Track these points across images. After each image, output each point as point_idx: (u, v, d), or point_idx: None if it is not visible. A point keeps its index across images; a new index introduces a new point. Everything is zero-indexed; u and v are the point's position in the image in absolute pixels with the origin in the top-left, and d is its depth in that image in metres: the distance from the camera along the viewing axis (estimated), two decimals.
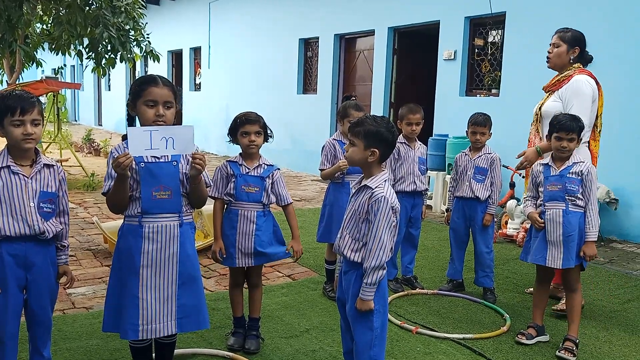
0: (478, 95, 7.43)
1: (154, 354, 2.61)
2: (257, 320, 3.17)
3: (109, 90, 21.80)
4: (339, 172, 3.73)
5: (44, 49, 10.28)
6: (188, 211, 2.48)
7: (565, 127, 3.16)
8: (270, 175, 3.04)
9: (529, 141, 4.04)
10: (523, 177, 6.15)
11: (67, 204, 2.53)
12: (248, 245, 3.01)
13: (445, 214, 4.26)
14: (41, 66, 10.55)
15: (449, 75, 7.71)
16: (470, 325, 3.55)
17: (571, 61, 3.78)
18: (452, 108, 7.62)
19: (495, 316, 3.73)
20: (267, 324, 3.42)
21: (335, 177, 3.79)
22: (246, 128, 2.97)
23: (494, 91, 7.29)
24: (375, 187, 2.30)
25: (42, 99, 26.14)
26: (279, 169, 3.12)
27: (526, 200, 3.42)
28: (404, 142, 4.10)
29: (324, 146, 3.89)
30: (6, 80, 9.55)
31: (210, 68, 14.14)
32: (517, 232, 5.67)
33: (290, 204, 3.11)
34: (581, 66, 3.79)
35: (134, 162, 2.29)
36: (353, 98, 3.96)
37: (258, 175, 3.01)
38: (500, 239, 5.76)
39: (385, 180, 2.33)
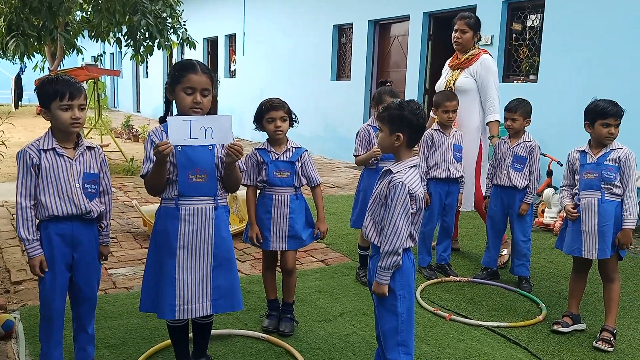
0: (515, 82, 7.28)
1: (191, 334, 2.68)
2: (291, 304, 3.22)
3: (147, 77, 22.16)
4: (373, 158, 3.74)
5: (83, 37, 10.52)
6: (223, 195, 2.53)
7: (615, 114, 3.08)
8: (299, 158, 3.07)
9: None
10: (561, 165, 6.04)
11: (109, 184, 2.61)
12: (283, 229, 3.06)
13: (484, 201, 4.20)
14: (81, 53, 10.79)
15: None
16: (505, 314, 3.52)
17: (474, 43, 4.41)
18: None
19: (530, 305, 3.70)
20: (301, 308, 3.47)
21: (370, 163, 3.79)
22: (271, 114, 3.00)
23: (531, 77, 7.13)
24: (396, 172, 2.30)
25: (84, 85, 26.97)
26: (306, 150, 3.15)
27: (562, 189, 3.36)
28: (438, 129, 4.07)
29: (358, 132, 3.89)
30: (48, 67, 9.81)
31: (245, 55, 14.23)
32: (554, 221, 5.57)
33: (319, 185, 3.14)
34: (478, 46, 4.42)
35: None
36: (388, 84, 3.95)
37: (288, 160, 3.04)
38: (537, 227, 5.67)
39: (410, 167, 2.32)
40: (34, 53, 9.87)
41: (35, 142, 2.40)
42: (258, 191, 3.13)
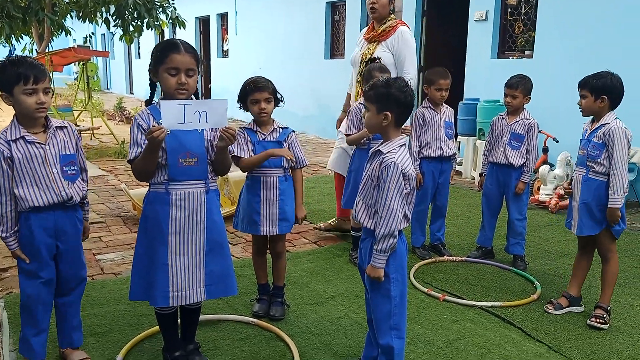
0: (511, 57, 7.16)
1: (179, 320, 2.62)
2: (281, 287, 3.16)
3: (139, 58, 21.90)
4: (364, 138, 3.65)
5: (72, 17, 10.32)
6: (213, 178, 2.45)
7: (583, 85, 3.03)
8: (287, 138, 2.99)
9: (357, 94, 4.15)
10: (557, 141, 5.97)
11: (85, 161, 2.53)
12: (273, 212, 2.98)
13: (478, 178, 4.13)
14: (70, 34, 10.60)
15: (480, 36, 7.43)
16: (499, 293, 3.48)
17: (390, 11, 4.20)
18: (483, 71, 7.37)
19: (525, 284, 3.65)
20: (293, 291, 3.42)
21: (362, 142, 3.71)
22: (255, 96, 2.90)
23: (527, 53, 7.00)
24: (387, 152, 2.23)
25: (74, 67, 26.49)
26: (293, 131, 3.06)
27: None
28: (429, 107, 3.98)
29: (349, 111, 3.80)
30: (35, 49, 9.63)
31: (238, 34, 14.02)
32: (550, 199, 5.51)
33: (301, 168, 3.06)
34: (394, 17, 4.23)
35: None
36: (377, 61, 3.84)
37: (275, 140, 2.96)
38: (532, 205, 5.62)
39: (400, 146, 2.26)
40: (22, 35, 9.69)
41: (2, 134, 2.29)
42: (246, 175, 3.05)
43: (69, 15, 10.16)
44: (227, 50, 14.90)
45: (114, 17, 8.96)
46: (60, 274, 2.45)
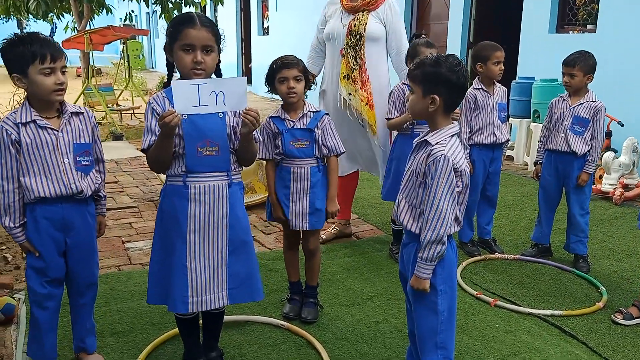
0: (571, 32, 6.57)
1: (200, 321, 2.39)
2: (314, 287, 2.89)
3: None
4: (407, 122, 3.30)
5: None
6: (237, 170, 2.18)
7: None
8: (319, 123, 2.68)
9: (360, 67, 3.58)
10: (622, 125, 5.43)
11: (102, 151, 2.31)
12: (303, 205, 2.71)
13: (534, 167, 3.71)
14: (111, 12, 10.54)
15: (537, 9, 6.85)
16: (559, 299, 3.10)
17: None
18: (539, 47, 6.81)
19: (588, 288, 3.25)
20: (327, 289, 3.14)
21: (404, 127, 3.36)
22: (283, 73, 2.60)
23: (589, 27, 6.40)
24: (436, 144, 1.90)
25: (121, 46, 26.97)
26: (327, 114, 2.75)
27: None
28: (481, 88, 3.57)
29: (391, 92, 3.45)
30: (75, 27, 9.58)
31: (278, 11, 13.67)
32: (614, 189, 5.02)
33: (337, 155, 2.75)
34: None
35: None
36: (423, 36, 3.45)
37: (305, 128, 2.66)
38: (594, 195, 5.13)
39: (451, 135, 1.92)
40: (62, 13, 9.65)
41: (11, 115, 2.09)
42: (275, 164, 2.77)
43: None
44: (268, 27, 14.59)
45: None
46: (71, 271, 2.24)
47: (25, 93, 2.11)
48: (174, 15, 9.67)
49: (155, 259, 2.15)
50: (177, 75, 2.17)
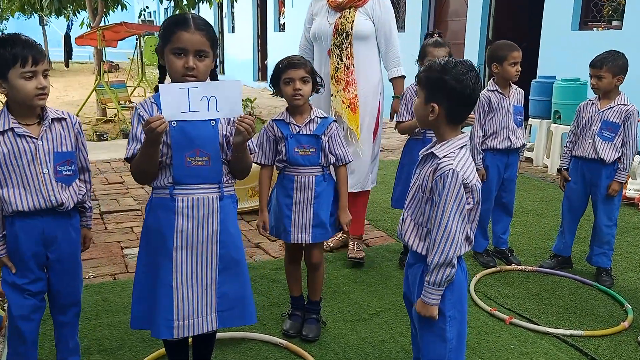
0: (595, 29, 6.29)
1: (190, 341, 2.23)
2: (317, 303, 2.72)
3: None
4: (419, 127, 3.11)
5: None
6: (229, 182, 2.02)
7: None
8: (326, 130, 2.51)
9: (347, 67, 3.34)
10: None
11: (87, 159, 2.17)
12: (306, 217, 2.54)
13: (559, 174, 3.43)
14: (126, 9, 10.47)
15: (560, 5, 6.58)
16: (580, 317, 2.89)
17: None
18: (561, 45, 6.53)
19: (612, 305, 3.03)
20: (332, 303, 2.97)
21: (416, 132, 3.17)
22: (289, 74, 2.43)
23: (615, 23, 6.12)
24: (443, 157, 1.72)
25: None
26: (334, 120, 2.58)
27: None
28: (496, 90, 3.35)
29: (403, 94, 3.26)
30: (90, 24, 9.52)
31: (294, 7, 13.50)
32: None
33: (345, 165, 2.58)
34: None
35: None
36: (436, 35, 3.25)
37: (312, 134, 2.48)
38: None
39: (460, 147, 1.74)
40: (79, 10, 9.60)
41: None
42: (278, 172, 2.61)
43: None
44: (284, 23, 14.43)
45: None
46: (52, 287, 2.11)
47: (5, 98, 1.97)
48: (189, 11, 9.60)
49: (139, 279, 2.00)
50: (169, 80, 2.01)
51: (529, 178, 5.81)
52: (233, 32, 18.09)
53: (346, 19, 3.30)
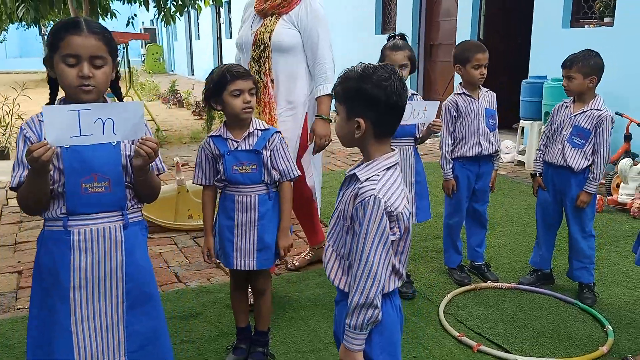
0: (587, 26, 6.03)
1: None
2: (265, 333, 2.50)
3: (199, 39, 21.86)
4: None
5: (112, 2, 10.01)
6: (135, 207, 1.82)
7: None
8: (267, 143, 2.29)
9: (265, 85, 2.90)
10: None
11: None
12: (249, 240, 2.33)
13: (532, 180, 3.21)
14: (115, 17, 10.33)
15: (550, 2, 6.33)
16: (557, 342, 2.65)
17: None
18: (553, 43, 6.28)
19: (593, 326, 2.79)
20: (286, 331, 2.75)
21: None
22: (238, 85, 2.22)
23: (606, 20, 5.85)
24: (365, 180, 1.50)
25: (142, 50, 26.96)
26: (277, 131, 2.36)
27: None
28: (463, 92, 3.14)
29: None
30: None
31: None
32: (632, 200, 4.50)
33: (287, 182, 2.36)
34: None
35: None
36: (398, 37, 3.03)
37: (252, 149, 2.27)
38: (610, 207, 4.62)
39: (387, 168, 1.53)
40: (59, 19, 9.47)
41: None
42: (217, 193, 2.41)
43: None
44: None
45: None
46: None
47: None
48: (173, 18, 9.42)
49: (34, 324, 1.78)
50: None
51: (518, 183, 5.56)
52: (230, 37, 17.96)
53: (265, 28, 2.91)
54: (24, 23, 11.47)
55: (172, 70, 26.62)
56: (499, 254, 3.71)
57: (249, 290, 2.56)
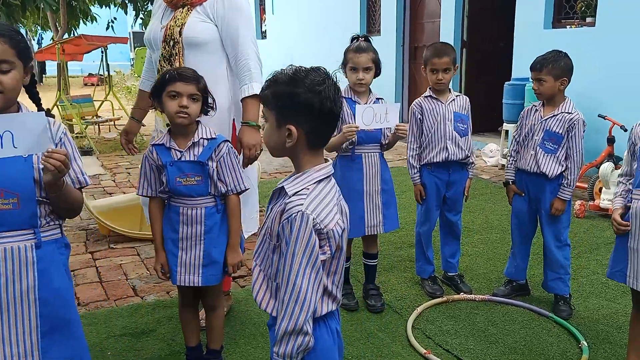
0: (568, 27, 5.91)
1: None
2: (218, 352, 2.35)
3: None
4: (346, 142, 2.74)
5: (93, 4, 9.85)
6: (52, 224, 1.66)
7: None
8: (213, 154, 2.13)
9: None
10: (626, 130, 4.77)
11: None
12: (194, 255, 2.18)
13: (506, 188, 3.06)
14: (96, 21, 10.17)
15: (532, 2, 6.22)
16: (528, 358, 2.50)
17: None
18: (535, 44, 6.13)
19: (567, 341, 2.64)
20: (244, 348, 2.58)
21: (343, 148, 2.80)
22: (177, 87, 2.06)
23: (588, 20, 5.74)
24: (293, 195, 1.35)
25: (131, 54, 26.70)
26: (226, 140, 2.19)
27: (619, 181, 2.28)
28: (430, 95, 3.00)
29: None
30: (51, 38, 9.22)
31: (275, 14, 13.19)
32: None
33: (235, 194, 2.20)
34: None
35: None
36: (361, 39, 2.88)
37: (196, 160, 2.11)
38: (592, 212, 4.49)
39: (318, 181, 1.37)
40: (39, 24, 9.32)
41: None
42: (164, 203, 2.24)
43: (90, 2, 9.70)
44: (265, 31, 14.11)
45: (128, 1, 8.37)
46: None
47: None
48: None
49: None
50: None
51: (500, 188, 5.41)
52: None
53: (176, 22, 2.50)
54: None
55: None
56: (475, 263, 3.56)
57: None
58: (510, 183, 2.99)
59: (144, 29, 9.27)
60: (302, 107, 1.35)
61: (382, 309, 2.93)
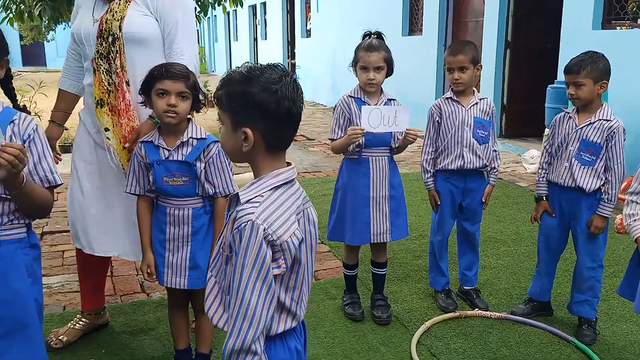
0: (619, 28, 5.54)
1: None
2: (206, 356, 2.27)
3: (237, 40, 22.07)
4: (352, 145, 2.60)
5: None
6: (16, 222, 1.61)
7: None
8: (202, 154, 2.05)
9: (117, 87, 2.24)
10: None
11: None
12: (181, 256, 2.11)
13: (537, 205, 2.77)
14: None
15: (580, 2, 5.87)
16: None
17: None
18: (583, 46, 5.71)
19: None
20: None
21: (350, 150, 2.66)
22: (165, 84, 1.99)
23: None
24: (246, 202, 1.23)
25: None
26: (216, 141, 2.09)
27: (630, 200, 2.05)
28: (451, 97, 2.82)
29: (335, 106, 2.76)
30: None
31: (319, 12, 13.10)
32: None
33: (222, 197, 2.10)
34: None
35: None
36: (374, 36, 2.73)
37: (183, 160, 2.03)
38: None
39: (274, 188, 1.25)
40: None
41: None
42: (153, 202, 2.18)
43: None
44: (310, 29, 14.05)
45: None
46: None
47: None
48: (202, 18, 9.30)
49: None
50: None
51: (532, 193, 5.11)
52: (265, 38, 17.92)
53: (113, 15, 2.22)
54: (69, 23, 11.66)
55: (213, 70, 26.95)
56: (497, 277, 3.35)
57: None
58: (543, 199, 2.76)
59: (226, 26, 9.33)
60: (257, 108, 1.23)
61: (388, 321, 2.78)
